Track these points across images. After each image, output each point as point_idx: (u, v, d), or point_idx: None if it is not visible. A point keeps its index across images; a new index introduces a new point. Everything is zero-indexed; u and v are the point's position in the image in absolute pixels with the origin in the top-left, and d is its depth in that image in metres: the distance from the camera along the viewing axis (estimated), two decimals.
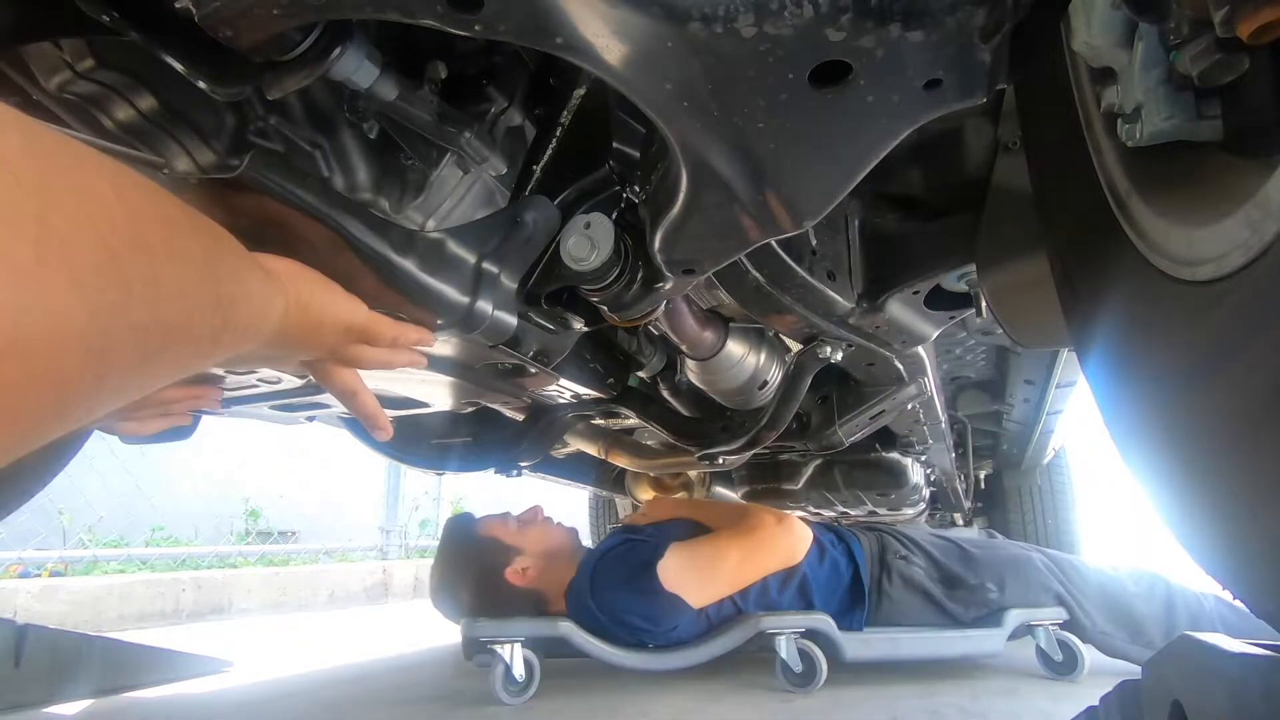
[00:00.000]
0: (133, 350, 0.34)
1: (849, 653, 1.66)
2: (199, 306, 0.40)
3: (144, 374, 0.37)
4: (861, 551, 1.80)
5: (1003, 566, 1.76)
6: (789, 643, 1.62)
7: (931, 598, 1.73)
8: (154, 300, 0.35)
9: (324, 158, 0.76)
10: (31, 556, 3.20)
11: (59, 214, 0.29)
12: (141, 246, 0.34)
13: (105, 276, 0.31)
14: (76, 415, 0.34)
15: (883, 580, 1.75)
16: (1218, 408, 0.45)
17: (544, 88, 0.84)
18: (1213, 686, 0.49)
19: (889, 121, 0.51)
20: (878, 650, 1.68)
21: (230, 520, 4.59)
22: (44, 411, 0.31)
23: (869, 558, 1.79)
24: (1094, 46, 0.52)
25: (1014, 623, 1.68)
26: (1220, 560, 0.50)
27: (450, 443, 1.72)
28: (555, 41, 0.47)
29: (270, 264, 0.57)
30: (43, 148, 0.30)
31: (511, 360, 0.96)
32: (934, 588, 1.74)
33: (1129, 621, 1.69)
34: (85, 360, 0.31)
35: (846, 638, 1.67)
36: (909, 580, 1.74)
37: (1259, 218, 0.39)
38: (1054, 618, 1.70)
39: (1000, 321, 1.14)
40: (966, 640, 1.69)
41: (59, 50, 0.60)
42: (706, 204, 0.63)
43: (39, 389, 0.29)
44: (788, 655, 1.62)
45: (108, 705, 1.56)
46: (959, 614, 1.72)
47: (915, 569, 1.75)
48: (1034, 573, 1.76)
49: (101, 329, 0.31)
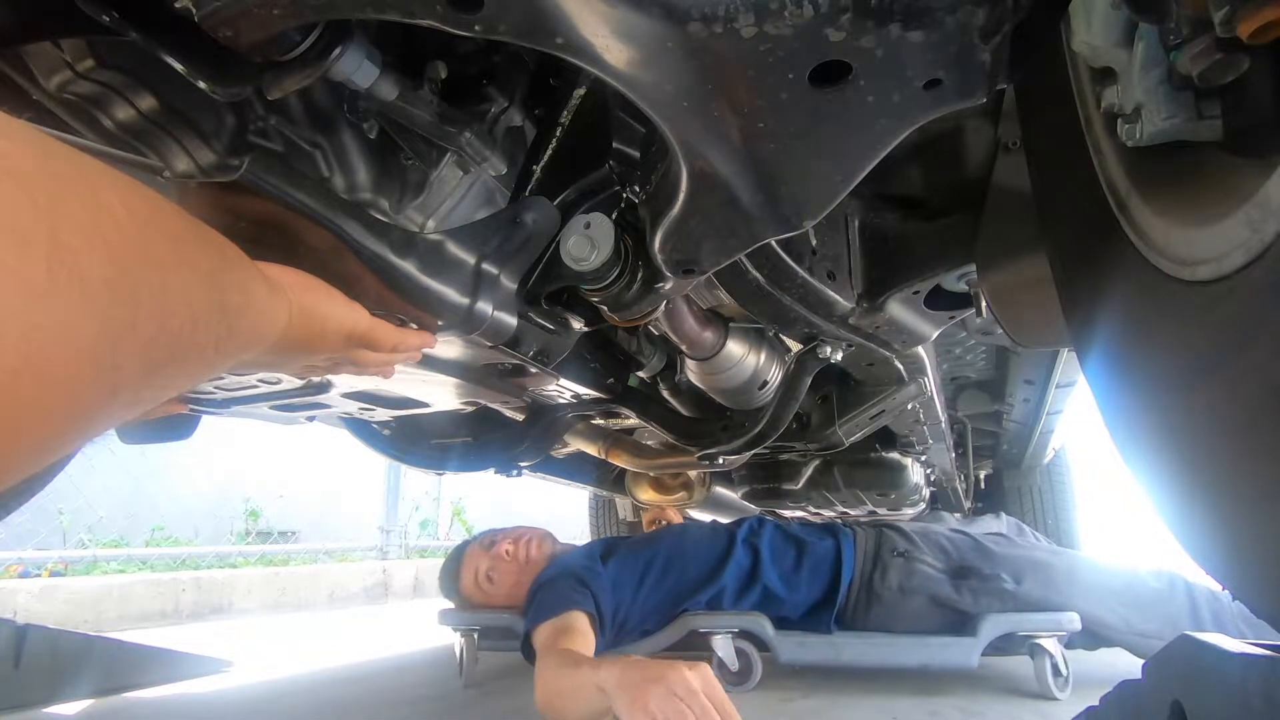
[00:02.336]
0: (142, 363, 0.35)
1: (784, 654, 1.64)
2: (205, 317, 0.41)
3: (153, 385, 0.38)
4: (852, 551, 1.77)
5: (1021, 562, 1.67)
6: (725, 642, 1.65)
7: (936, 596, 1.66)
8: (162, 313, 0.36)
9: (324, 158, 0.76)
10: (31, 556, 3.20)
11: (71, 231, 0.30)
12: (150, 260, 0.35)
13: (115, 292, 0.32)
14: (90, 429, 0.34)
15: (874, 579, 1.70)
16: (1217, 408, 0.45)
17: (544, 88, 0.83)
18: (1213, 686, 0.49)
19: (889, 121, 0.51)
20: (816, 653, 1.64)
21: (230, 520, 4.59)
22: (59, 427, 0.31)
23: (860, 556, 1.75)
24: (1094, 46, 0.52)
25: (993, 633, 1.53)
26: (1220, 560, 0.50)
27: (450, 443, 1.72)
28: (555, 42, 0.47)
29: (273, 273, 0.57)
30: (55, 163, 0.31)
31: (512, 360, 0.96)
32: (940, 582, 1.66)
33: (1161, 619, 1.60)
34: (97, 375, 0.31)
35: (781, 639, 1.65)
36: (907, 578, 1.68)
37: (1259, 218, 0.39)
38: (1054, 628, 1.53)
39: (1000, 321, 1.14)
40: (927, 649, 1.56)
41: (59, 50, 0.60)
42: (706, 204, 0.63)
43: (53, 405, 0.30)
44: (724, 654, 1.64)
45: (108, 705, 1.56)
46: (968, 605, 1.62)
47: (917, 565, 1.69)
48: (1056, 575, 1.65)
49: (112, 343, 0.32)
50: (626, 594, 1.70)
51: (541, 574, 1.72)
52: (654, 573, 1.75)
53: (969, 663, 1.52)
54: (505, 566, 1.80)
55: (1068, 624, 1.52)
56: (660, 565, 1.77)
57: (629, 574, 1.73)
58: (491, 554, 1.84)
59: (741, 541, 1.82)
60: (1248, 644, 0.50)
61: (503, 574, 1.80)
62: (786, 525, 1.92)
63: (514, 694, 1.65)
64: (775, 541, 1.83)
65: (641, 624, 1.73)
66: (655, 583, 1.74)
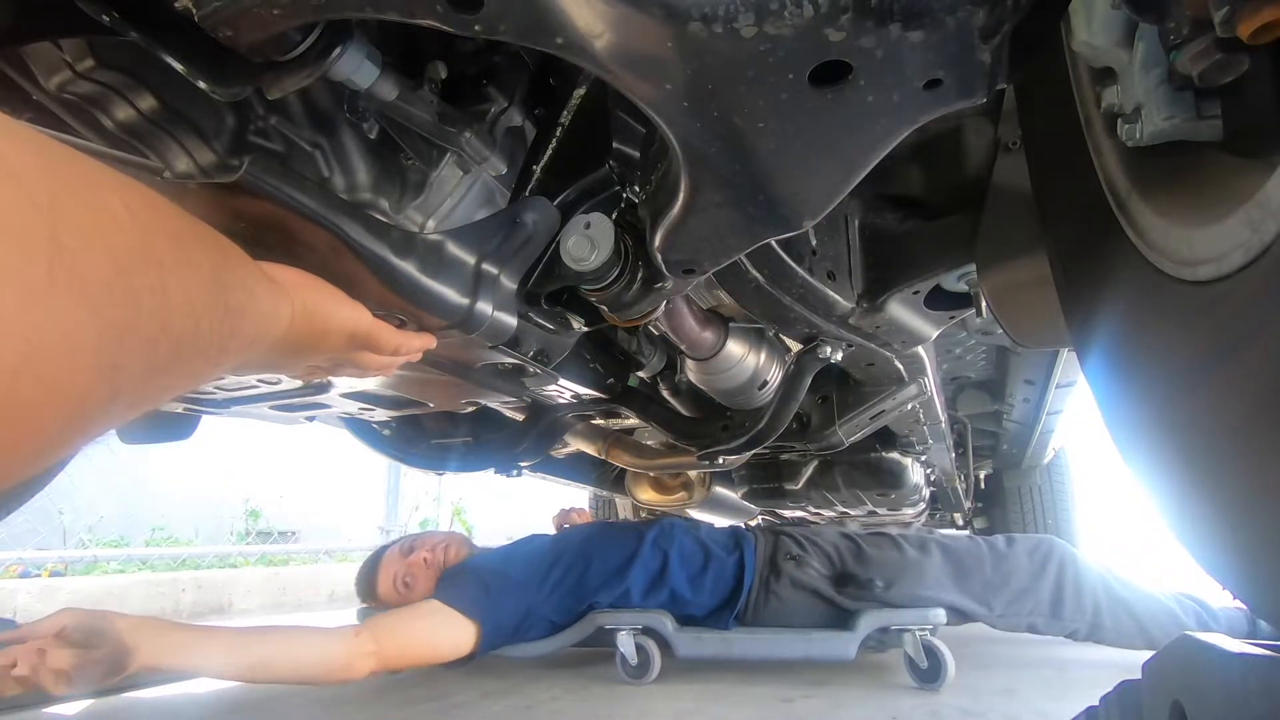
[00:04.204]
0: (144, 363, 0.35)
1: (681, 650, 1.76)
2: (207, 317, 0.40)
3: (155, 385, 0.38)
4: (753, 556, 1.90)
5: (895, 565, 1.84)
6: (628, 638, 1.75)
7: (821, 595, 1.82)
8: (163, 313, 0.35)
9: (324, 158, 0.76)
10: (31, 556, 3.21)
11: (71, 232, 0.29)
12: (151, 260, 0.35)
13: (116, 292, 0.32)
14: (92, 430, 0.34)
15: (770, 580, 1.85)
16: (1218, 407, 0.45)
17: (544, 88, 0.83)
18: (1213, 686, 0.49)
19: (889, 121, 0.51)
20: (710, 649, 1.76)
21: (230, 520, 4.59)
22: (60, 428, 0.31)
23: (760, 560, 1.90)
24: (1094, 46, 0.52)
25: (870, 626, 1.68)
26: (1221, 560, 0.50)
27: (450, 443, 1.73)
28: (555, 42, 0.47)
29: (275, 273, 0.57)
30: (56, 164, 0.31)
31: (512, 360, 0.96)
32: (824, 586, 1.83)
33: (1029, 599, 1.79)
34: (99, 376, 0.31)
35: (679, 635, 1.76)
36: (797, 581, 1.84)
37: (1259, 218, 0.39)
38: (920, 623, 1.67)
39: (1000, 321, 1.14)
40: (810, 643, 1.71)
41: (59, 50, 0.60)
42: (706, 204, 0.63)
43: (54, 406, 0.29)
44: (626, 649, 1.74)
45: (108, 705, 1.56)
46: (850, 607, 1.78)
47: (807, 570, 1.86)
48: (926, 574, 1.81)
49: (113, 344, 0.32)
50: (532, 591, 1.79)
51: (452, 568, 1.83)
52: (559, 570, 1.85)
53: (847, 655, 1.68)
54: (423, 572, 1.86)
55: (933, 618, 1.68)
56: (566, 564, 1.86)
57: (535, 572, 1.82)
58: (410, 560, 1.89)
59: (651, 544, 1.92)
60: (1248, 644, 0.50)
61: (419, 579, 1.85)
62: (695, 530, 2.02)
63: (514, 694, 1.66)
64: (684, 546, 1.94)
65: (547, 619, 1.81)
66: (559, 580, 1.83)
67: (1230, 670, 0.48)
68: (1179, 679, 0.53)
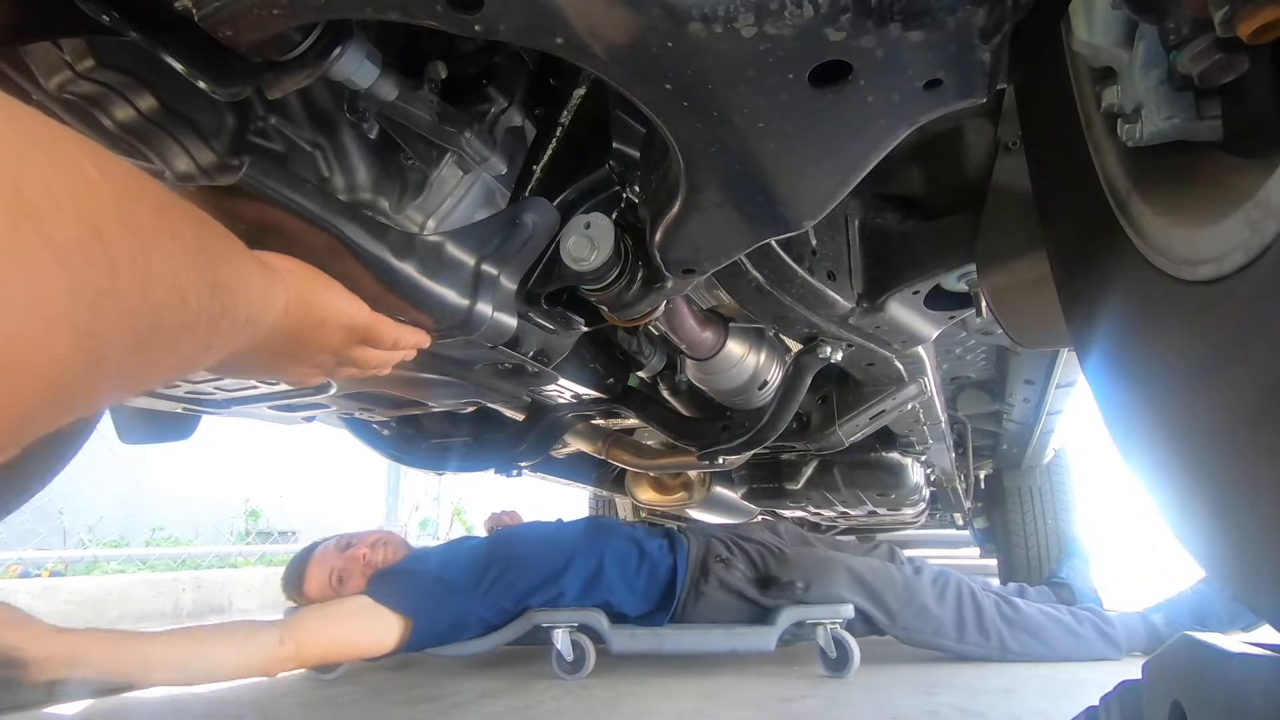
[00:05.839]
0: (125, 332, 0.34)
1: (616, 645, 1.83)
2: (194, 291, 0.39)
3: (143, 359, 0.37)
4: (685, 557, 1.98)
5: (814, 566, 1.96)
6: (564, 635, 1.80)
7: (745, 596, 1.92)
8: (143, 281, 0.34)
9: (324, 158, 0.76)
10: (31, 556, 3.21)
11: (35, 184, 0.29)
12: (128, 226, 0.34)
13: (88, 253, 0.31)
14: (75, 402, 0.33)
15: (700, 582, 1.94)
16: (1218, 407, 0.45)
17: (544, 88, 0.83)
18: (1213, 686, 0.49)
19: (889, 121, 0.51)
20: (644, 644, 1.86)
21: (230, 520, 4.59)
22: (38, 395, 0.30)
23: (691, 562, 1.97)
24: (1094, 46, 0.52)
25: (787, 621, 1.83)
26: (1220, 559, 0.50)
27: (450, 443, 1.72)
28: (555, 42, 0.47)
29: (270, 259, 0.57)
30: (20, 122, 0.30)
31: (512, 360, 0.96)
32: (748, 587, 1.94)
33: (931, 616, 1.95)
34: (76, 341, 0.31)
35: (614, 632, 1.84)
36: (724, 582, 1.93)
37: (1259, 218, 0.39)
38: (832, 616, 1.83)
39: (1000, 321, 1.14)
40: (734, 638, 1.86)
41: (59, 50, 0.60)
42: (706, 204, 0.63)
43: (28, 367, 0.29)
44: (562, 646, 1.79)
45: (108, 705, 1.56)
46: (773, 607, 1.88)
47: (734, 572, 1.96)
48: (840, 575, 1.95)
49: (88, 307, 0.31)
50: (468, 593, 1.82)
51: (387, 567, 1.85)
52: (494, 572, 1.87)
53: (767, 647, 1.83)
54: (359, 569, 1.85)
55: (843, 613, 1.85)
56: (500, 566, 1.88)
57: (470, 575, 1.85)
58: (346, 555, 1.88)
59: (586, 546, 1.95)
60: (1248, 644, 0.50)
61: (354, 575, 1.84)
62: (631, 532, 2.06)
63: (514, 693, 1.66)
64: (620, 548, 1.97)
65: (482, 619, 1.84)
66: (493, 582, 1.85)
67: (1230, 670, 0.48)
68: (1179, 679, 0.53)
